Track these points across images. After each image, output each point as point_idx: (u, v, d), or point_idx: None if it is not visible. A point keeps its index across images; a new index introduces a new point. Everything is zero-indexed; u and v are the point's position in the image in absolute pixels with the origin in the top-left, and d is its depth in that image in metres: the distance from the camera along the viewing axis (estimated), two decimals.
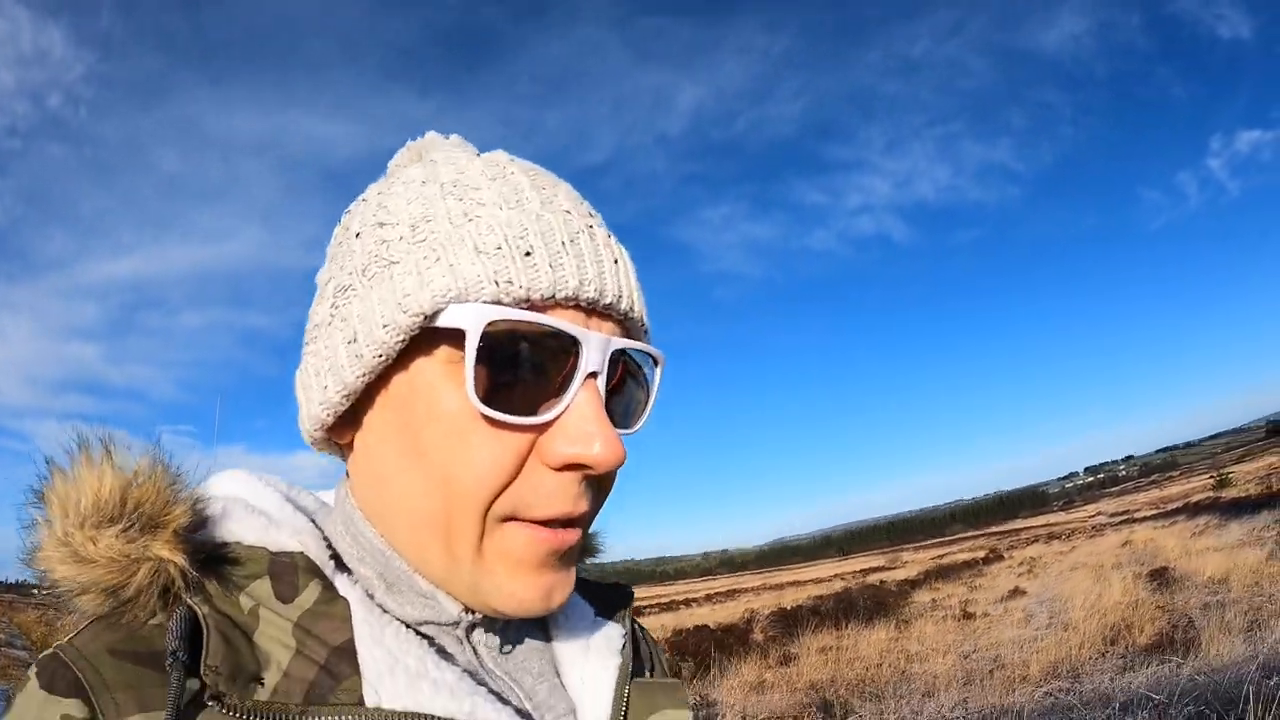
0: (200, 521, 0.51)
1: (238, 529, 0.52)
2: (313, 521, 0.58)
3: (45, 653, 0.47)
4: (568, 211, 0.53)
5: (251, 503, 0.55)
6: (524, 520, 0.51)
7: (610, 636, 0.65)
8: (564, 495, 0.51)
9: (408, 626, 0.53)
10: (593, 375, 0.50)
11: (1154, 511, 40.35)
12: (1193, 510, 29.07)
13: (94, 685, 0.44)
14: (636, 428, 0.57)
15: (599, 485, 0.54)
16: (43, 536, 0.48)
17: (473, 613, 0.54)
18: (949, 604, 15.44)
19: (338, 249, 0.57)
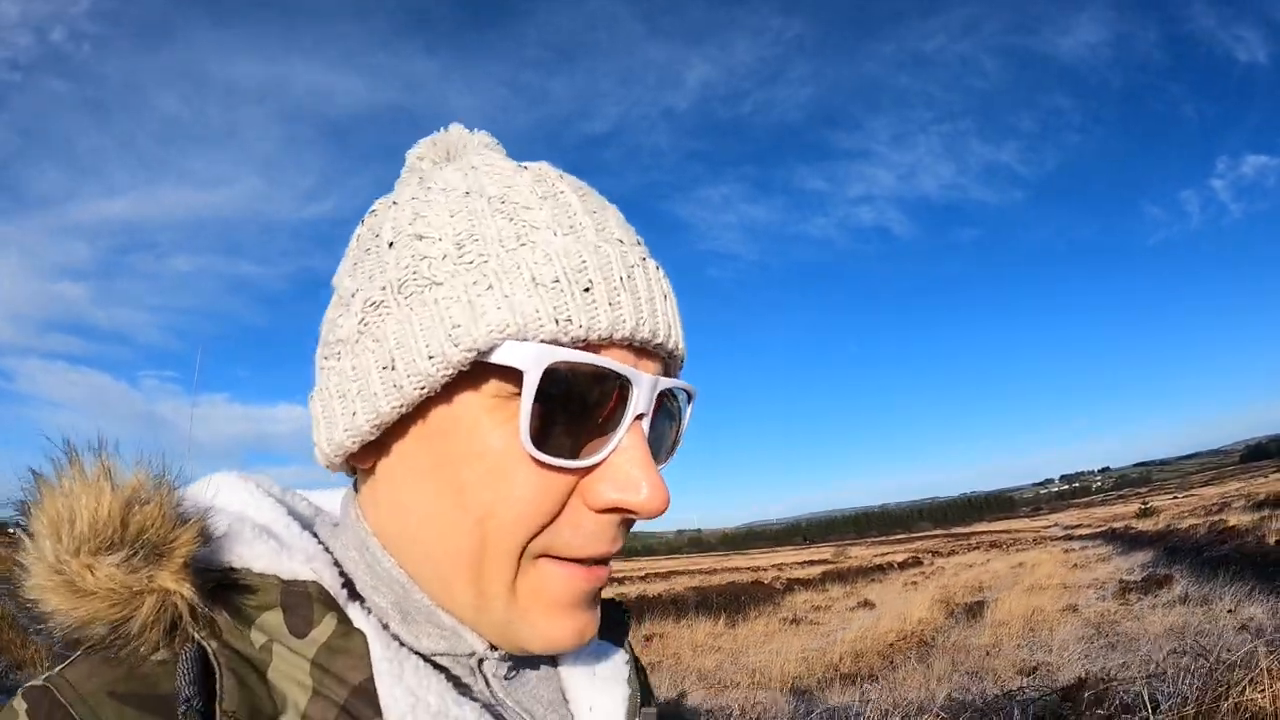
0: (204, 543, 0.46)
1: (246, 553, 0.48)
2: (321, 543, 0.53)
3: (33, 683, 0.43)
4: (621, 241, 0.50)
5: (255, 519, 0.51)
6: (558, 558, 0.49)
7: (616, 663, 0.63)
8: (602, 537, 0.49)
9: (424, 658, 0.51)
10: (640, 417, 0.49)
11: (1088, 531, 40.86)
12: (1108, 536, 29.44)
13: None
14: (667, 462, 0.55)
15: (630, 522, 0.52)
16: (31, 561, 0.43)
17: (495, 649, 0.52)
18: (803, 607, 15.67)
19: (364, 256, 0.52)
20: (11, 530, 0.43)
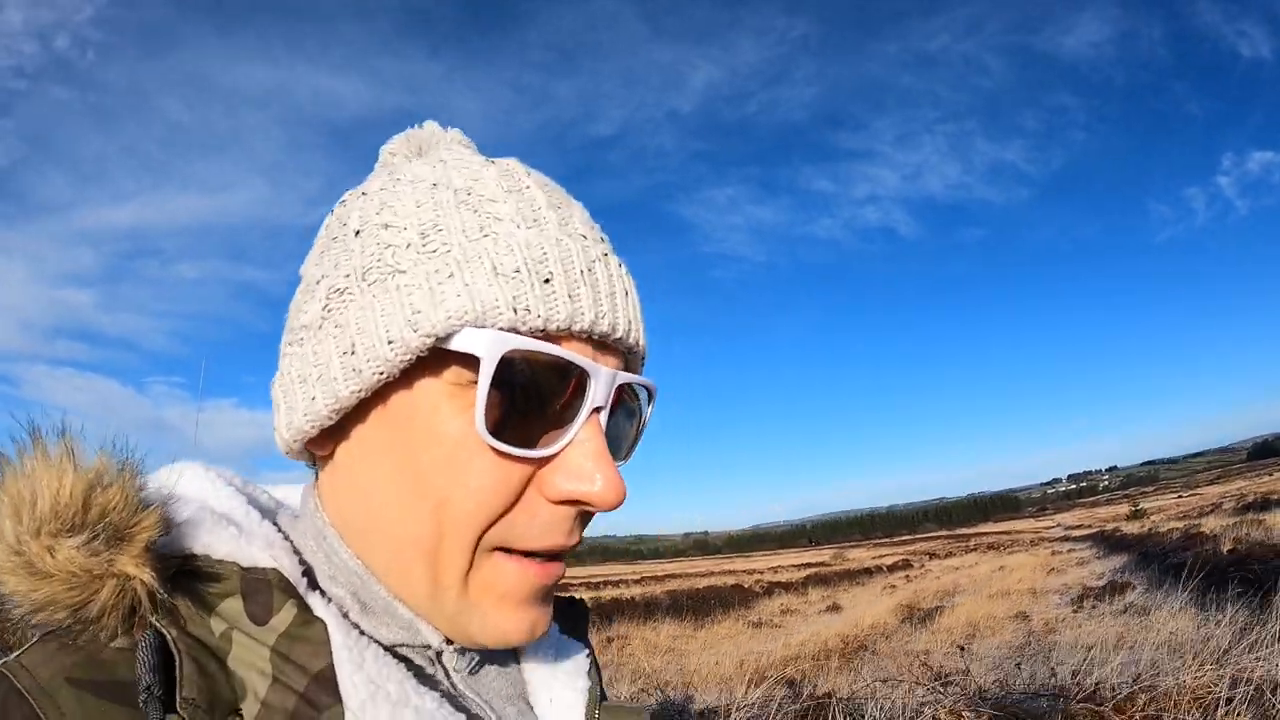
0: (165, 529, 0.46)
1: (207, 539, 0.48)
2: (281, 531, 0.54)
3: None
4: (584, 236, 0.51)
5: (215, 507, 0.51)
6: (513, 551, 0.50)
7: (576, 658, 0.65)
8: (558, 529, 0.50)
9: (385, 648, 0.51)
10: (597, 410, 0.49)
11: (1084, 532, 40.70)
12: (1096, 539, 29.34)
13: None
14: (627, 459, 0.57)
15: (587, 515, 0.53)
16: None
17: (451, 642, 0.54)
18: (774, 611, 15.81)
19: (331, 244, 0.53)
20: None
